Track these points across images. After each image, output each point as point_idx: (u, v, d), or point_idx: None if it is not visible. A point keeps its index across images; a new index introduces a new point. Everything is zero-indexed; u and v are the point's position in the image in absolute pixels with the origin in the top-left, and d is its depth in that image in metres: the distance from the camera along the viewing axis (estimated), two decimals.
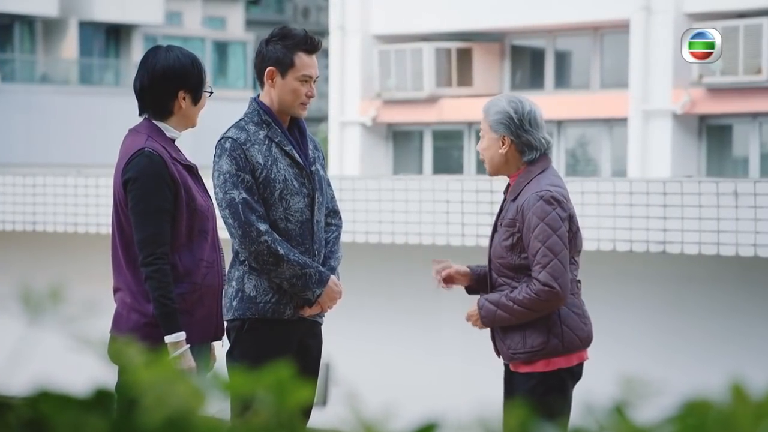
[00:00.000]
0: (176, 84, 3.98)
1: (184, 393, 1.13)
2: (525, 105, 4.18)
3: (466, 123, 22.50)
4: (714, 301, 6.39)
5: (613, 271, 6.52)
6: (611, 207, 6.15)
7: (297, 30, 4.33)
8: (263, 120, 4.27)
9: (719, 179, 6.07)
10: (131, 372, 1.13)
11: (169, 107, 4.00)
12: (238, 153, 4.20)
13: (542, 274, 4.00)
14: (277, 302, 4.24)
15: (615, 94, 20.79)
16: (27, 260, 7.97)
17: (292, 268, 4.19)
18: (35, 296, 1.21)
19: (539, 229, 4.02)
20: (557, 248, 4.02)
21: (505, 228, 4.11)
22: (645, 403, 1.18)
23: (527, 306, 4.03)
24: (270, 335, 4.24)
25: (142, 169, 3.90)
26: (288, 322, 4.27)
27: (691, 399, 1.13)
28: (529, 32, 22.47)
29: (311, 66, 4.29)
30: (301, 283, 4.22)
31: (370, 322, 7.14)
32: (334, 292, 4.29)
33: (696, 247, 5.98)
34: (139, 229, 3.89)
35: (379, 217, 6.70)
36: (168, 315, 3.89)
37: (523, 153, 4.14)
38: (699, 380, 5.85)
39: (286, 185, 4.23)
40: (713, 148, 20.03)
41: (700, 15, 19.16)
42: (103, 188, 7.24)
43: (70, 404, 1.13)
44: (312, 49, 4.29)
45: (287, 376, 1.15)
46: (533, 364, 4.09)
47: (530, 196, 4.05)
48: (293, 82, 4.25)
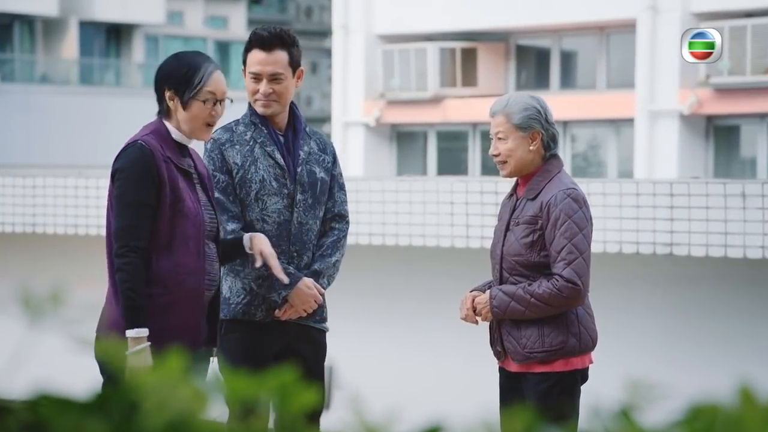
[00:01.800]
0: (163, 82, 3.98)
1: (186, 397, 1.13)
2: (542, 99, 4.24)
3: (471, 123, 22.47)
4: (721, 303, 6.36)
5: (620, 273, 6.48)
6: (617, 208, 6.13)
7: (257, 29, 4.42)
8: (252, 121, 4.34)
9: (727, 180, 6.04)
10: (115, 368, 1.13)
11: (164, 106, 3.99)
12: (215, 153, 4.28)
13: (567, 270, 3.99)
14: (248, 304, 4.28)
15: (621, 94, 20.74)
16: (27, 262, 7.94)
17: (258, 269, 4.16)
18: (35, 298, 1.21)
19: (566, 226, 4.02)
20: (582, 247, 4.03)
21: (525, 225, 4.09)
22: (652, 406, 1.16)
23: (546, 300, 4.01)
24: (245, 336, 4.27)
25: (131, 160, 3.87)
26: (263, 324, 4.28)
27: (699, 402, 1.12)
28: (535, 32, 22.42)
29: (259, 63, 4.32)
30: (267, 285, 4.23)
31: (374, 325, 7.11)
32: (305, 295, 4.25)
33: (703, 249, 5.95)
34: (117, 219, 3.84)
35: (382, 219, 6.67)
36: (132, 309, 3.79)
37: (548, 147, 4.15)
38: (706, 383, 5.83)
39: (263, 185, 4.27)
40: (721, 148, 19.98)
41: (706, 14, 19.11)
42: (104, 189, 7.20)
43: (71, 407, 1.13)
44: (262, 45, 4.32)
45: (289, 381, 1.15)
46: (551, 364, 4.07)
47: (557, 193, 4.05)
48: (247, 81, 4.35)
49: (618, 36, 21.25)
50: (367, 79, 22.48)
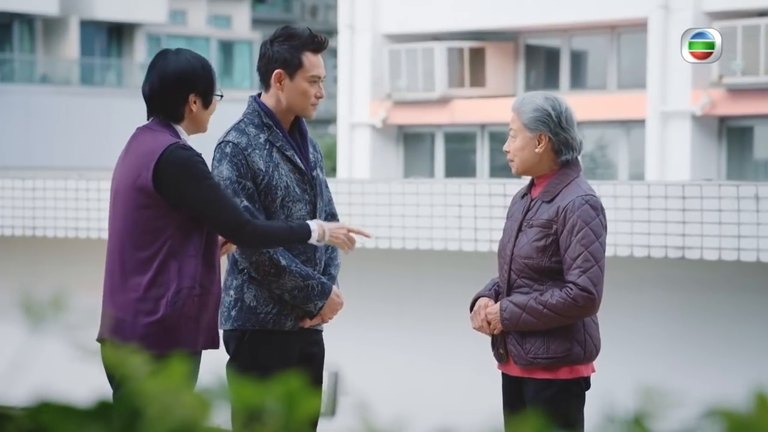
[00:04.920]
0: (187, 88, 3.94)
1: (189, 403, 1.12)
2: (561, 102, 4.14)
3: (479, 125, 22.41)
4: (735, 307, 6.33)
5: (631, 277, 6.45)
6: (628, 211, 6.09)
7: (302, 29, 4.25)
8: (264, 123, 4.18)
9: (740, 183, 6.01)
10: (135, 381, 1.11)
11: (179, 112, 3.95)
12: (239, 159, 4.11)
13: (582, 278, 3.93)
14: (278, 313, 4.18)
15: (632, 94, 20.67)
16: (27, 266, 7.91)
17: (294, 280, 4.12)
18: (36, 303, 1.20)
19: (583, 233, 3.96)
20: (598, 255, 3.97)
21: (539, 228, 4.03)
22: (665, 413, 1.15)
23: (560, 311, 3.95)
24: (271, 346, 4.18)
25: (188, 159, 3.85)
26: (289, 332, 4.20)
27: (712, 409, 1.11)
28: (544, 31, 22.35)
29: (319, 66, 4.20)
30: (303, 295, 4.15)
31: (380, 330, 7.07)
32: (335, 304, 4.23)
33: (716, 252, 5.91)
34: (216, 215, 3.86)
35: (389, 222, 6.64)
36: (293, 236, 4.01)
37: (560, 153, 4.07)
38: (720, 390, 5.81)
39: (288, 192, 4.15)
40: (733, 150, 19.89)
41: (719, 13, 19.02)
42: (106, 192, 7.17)
43: (72, 415, 1.13)
44: (319, 48, 4.20)
45: (296, 387, 1.15)
46: (556, 371, 4.02)
47: (576, 199, 3.99)
48: (302, 84, 4.16)
49: (629, 35, 21.17)
50: (373, 79, 22.43)
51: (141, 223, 3.88)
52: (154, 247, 3.85)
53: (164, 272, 3.85)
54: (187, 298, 3.86)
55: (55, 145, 28.58)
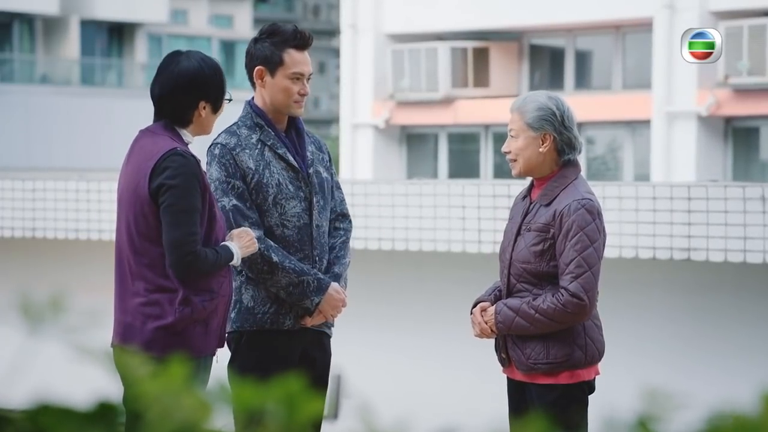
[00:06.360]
0: (197, 94, 3.93)
1: (190, 406, 1.12)
2: (563, 101, 4.12)
3: (483, 125, 22.38)
4: (741, 310, 6.31)
5: (636, 279, 6.44)
6: (634, 212, 6.08)
7: (286, 26, 4.25)
8: (255, 123, 4.21)
9: (746, 184, 5.98)
10: (136, 384, 1.11)
11: (188, 116, 3.94)
12: (227, 159, 4.15)
13: (573, 285, 3.91)
14: (276, 312, 4.18)
15: (637, 95, 20.63)
16: (26, 268, 7.91)
17: (288, 276, 4.12)
18: (35, 305, 1.20)
19: (578, 238, 3.93)
20: (592, 261, 3.94)
21: (536, 232, 4.01)
22: (670, 416, 1.14)
23: (550, 316, 3.93)
24: (270, 346, 4.19)
25: (180, 168, 3.84)
26: (289, 332, 4.20)
27: (719, 412, 1.11)
28: (549, 31, 22.31)
29: (303, 63, 4.19)
30: (298, 292, 4.15)
31: (383, 332, 7.06)
32: (335, 300, 4.21)
33: (722, 254, 5.90)
34: (174, 227, 3.81)
35: (392, 223, 6.63)
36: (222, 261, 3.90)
37: (563, 152, 4.04)
38: (725, 393, 5.80)
39: (280, 189, 4.17)
40: (740, 151, 19.84)
41: (725, 13, 18.98)
42: (106, 193, 7.16)
43: (72, 417, 1.13)
44: (302, 45, 4.20)
45: (297, 389, 1.15)
46: (556, 376, 4.01)
47: (572, 203, 3.96)
48: (283, 81, 4.16)
49: (634, 35, 21.13)
50: (376, 79, 22.40)
51: (142, 229, 3.89)
52: (157, 253, 3.85)
53: (169, 278, 3.85)
54: (195, 304, 3.86)
55: (55, 145, 28.59)
